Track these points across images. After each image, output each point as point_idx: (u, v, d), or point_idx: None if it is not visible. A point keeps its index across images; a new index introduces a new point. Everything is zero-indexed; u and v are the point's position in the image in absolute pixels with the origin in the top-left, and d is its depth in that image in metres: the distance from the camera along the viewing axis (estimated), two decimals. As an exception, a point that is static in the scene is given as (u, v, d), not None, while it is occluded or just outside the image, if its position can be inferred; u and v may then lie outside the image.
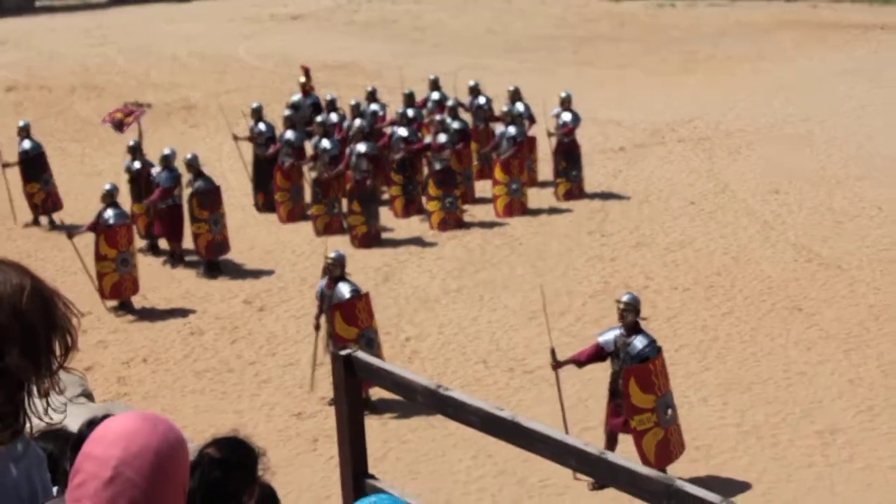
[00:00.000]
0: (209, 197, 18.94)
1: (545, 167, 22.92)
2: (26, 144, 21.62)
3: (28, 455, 2.99)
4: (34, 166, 21.49)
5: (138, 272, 17.71)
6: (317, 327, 14.27)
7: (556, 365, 12.08)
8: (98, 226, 17.46)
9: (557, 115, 22.05)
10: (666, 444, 11.72)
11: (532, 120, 22.50)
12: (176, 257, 19.39)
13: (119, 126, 19.99)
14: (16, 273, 2.94)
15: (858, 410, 13.16)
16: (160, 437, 2.81)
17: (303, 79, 25.10)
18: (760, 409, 13.29)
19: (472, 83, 24.34)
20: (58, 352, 2.98)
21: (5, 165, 21.44)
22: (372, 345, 13.64)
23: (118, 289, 17.35)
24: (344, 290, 13.94)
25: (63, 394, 3.18)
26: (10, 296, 2.90)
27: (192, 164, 19.14)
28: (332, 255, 14.24)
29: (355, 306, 13.86)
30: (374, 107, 23.40)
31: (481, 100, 23.93)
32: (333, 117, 22.37)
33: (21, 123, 22.29)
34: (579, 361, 12.14)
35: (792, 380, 13.99)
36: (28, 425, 2.98)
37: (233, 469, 4.23)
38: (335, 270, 14.02)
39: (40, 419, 3.05)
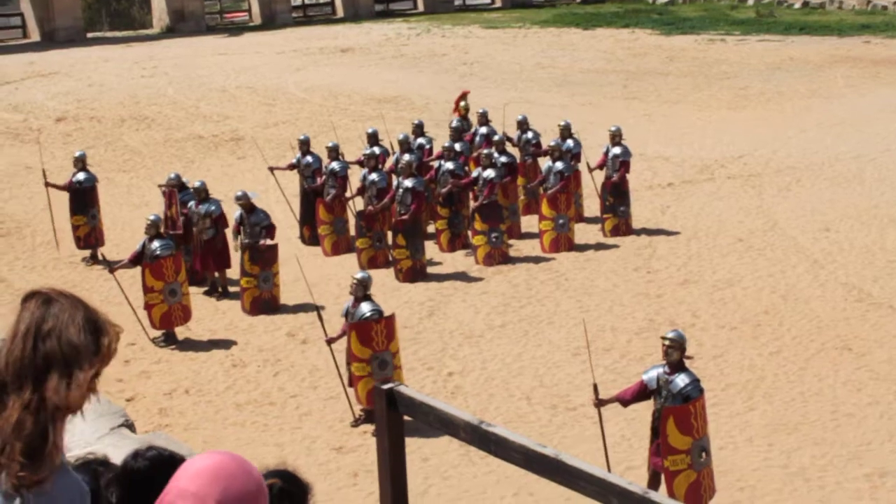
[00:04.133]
0: (261, 253, 18.72)
1: (592, 203, 22.81)
2: (80, 176, 21.54)
3: (68, 488, 2.96)
4: (84, 199, 21.40)
5: (190, 299, 17.70)
6: (329, 341, 14.55)
7: (599, 403, 11.92)
8: (143, 257, 17.48)
9: (607, 151, 21.95)
10: (697, 487, 11.51)
11: (577, 158, 22.40)
12: (220, 288, 19.39)
13: (174, 225, 19.81)
14: (70, 305, 2.94)
15: (909, 454, 12.93)
16: (256, 482, 2.92)
17: (462, 103, 25.18)
18: (807, 451, 13.08)
19: (519, 117, 24.30)
20: (96, 383, 2.98)
21: (49, 185, 21.37)
22: (385, 367, 13.81)
23: (167, 318, 17.33)
24: (364, 309, 14.21)
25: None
26: (61, 329, 2.90)
27: (243, 199, 18.97)
28: (357, 275, 14.58)
29: (371, 327, 13.97)
30: (420, 140, 23.38)
31: (529, 134, 23.85)
32: (376, 150, 22.24)
33: (77, 154, 22.22)
34: (624, 400, 11.98)
35: (840, 421, 13.77)
36: (63, 457, 2.96)
37: (293, 501, 4.18)
38: (358, 291, 14.30)
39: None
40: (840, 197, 23.51)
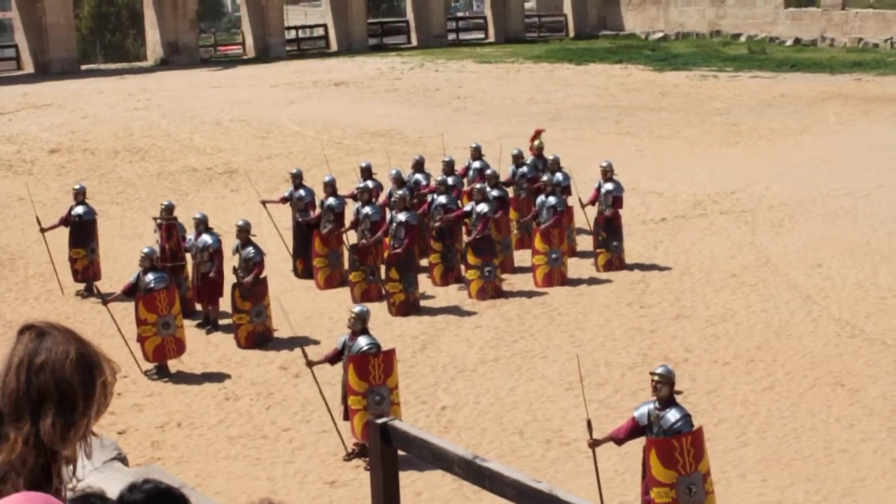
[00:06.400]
0: (252, 290, 18.66)
1: (584, 238, 22.83)
2: (80, 209, 21.48)
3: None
4: (84, 232, 21.34)
5: (184, 332, 17.66)
6: (309, 364, 14.49)
7: (594, 444, 11.89)
8: (137, 289, 17.44)
9: (599, 187, 21.99)
10: None
11: (567, 191, 22.45)
12: (212, 322, 19.36)
13: (175, 256, 19.82)
14: (63, 339, 2.95)
15: (902, 490, 12.90)
16: None
17: (536, 142, 25.16)
18: (800, 487, 13.05)
19: (515, 151, 24.33)
20: (92, 420, 2.98)
21: (45, 230, 21.32)
22: (382, 402, 13.77)
23: (160, 351, 17.26)
24: (362, 342, 14.17)
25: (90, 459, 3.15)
26: (54, 362, 2.90)
27: (244, 230, 19.01)
28: (355, 309, 14.57)
29: (369, 361, 13.93)
30: (418, 176, 23.37)
31: (524, 168, 23.87)
32: (370, 184, 22.20)
33: (77, 187, 22.14)
34: (618, 439, 11.95)
35: (833, 457, 13.75)
36: (63, 492, 2.97)
37: None
38: (356, 325, 14.26)
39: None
40: (832, 233, 23.55)
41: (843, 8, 56.60)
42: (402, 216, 20.08)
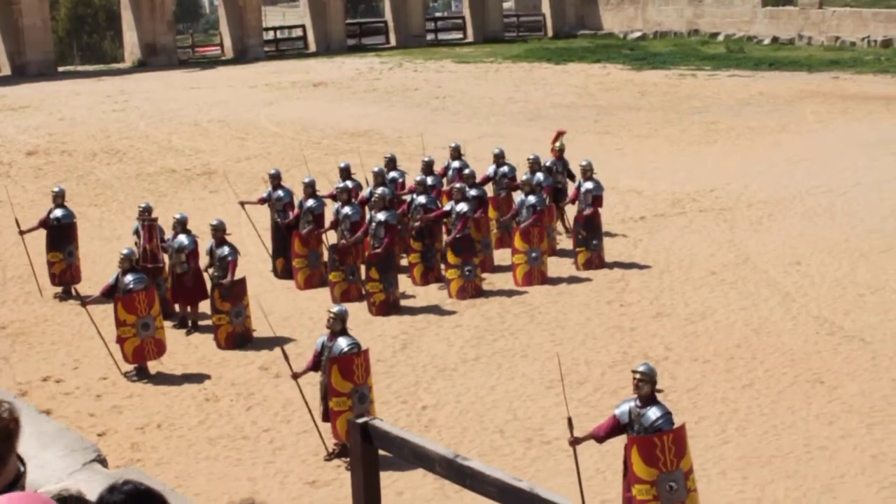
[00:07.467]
0: (231, 290, 18.62)
1: (564, 237, 22.85)
2: (58, 212, 21.33)
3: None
4: (62, 235, 21.18)
5: (164, 333, 17.59)
6: (294, 376, 14.38)
7: (574, 441, 11.89)
8: (116, 291, 17.38)
9: (579, 186, 22.03)
10: None
11: (547, 190, 22.43)
12: (191, 323, 19.30)
13: (154, 258, 19.73)
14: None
15: (881, 487, 12.93)
16: None
17: (557, 143, 25.00)
18: (781, 484, 13.08)
19: (496, 150, 24.29)
20: None
21: (24, 233, 21.24)
22: (364, 401, 13.81)
23: (140, 352, 17.19)
24: (343, 343, 14.10)
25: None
26: None
27: (219, 229, 18.99)
28: (334, 309, 14.50)
29: (353, 361, 13.90)
30: (392, 174, 23.36)
31: (505, 168, 23.85)
32: (349, 184, 22.16)
33: (56, 189, 21.96)
34: (598, 437, 11.95)
35: (813, 454, 13.78)
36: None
37: None
38: (336, 325, 14.19)
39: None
40: (811, 231, 23.63)
41: (821, 7, 56.80)
42: (381, 216, 20.06)
